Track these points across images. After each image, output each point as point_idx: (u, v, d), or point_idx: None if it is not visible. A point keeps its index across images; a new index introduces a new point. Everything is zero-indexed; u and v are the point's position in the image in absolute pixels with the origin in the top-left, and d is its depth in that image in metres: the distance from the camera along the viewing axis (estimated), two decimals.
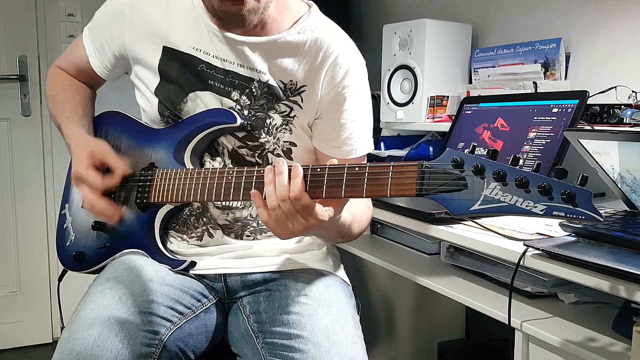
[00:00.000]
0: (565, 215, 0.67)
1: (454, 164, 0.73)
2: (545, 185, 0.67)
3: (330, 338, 0.94)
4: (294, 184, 0.83)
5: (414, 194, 0.76)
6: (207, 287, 1.09)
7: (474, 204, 0.72)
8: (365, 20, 2.51)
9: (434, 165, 0.75)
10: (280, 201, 0.83)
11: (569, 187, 0.67)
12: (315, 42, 1.05)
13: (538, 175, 0.68)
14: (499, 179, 0.70)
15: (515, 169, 0.70)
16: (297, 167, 0.84)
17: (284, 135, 1.07)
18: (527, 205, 0.69)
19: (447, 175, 0.74)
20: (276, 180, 0.84)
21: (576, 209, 0.67)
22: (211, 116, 1.05)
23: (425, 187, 0.75)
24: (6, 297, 2.50)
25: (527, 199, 0.69)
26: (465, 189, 0.72)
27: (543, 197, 0.68)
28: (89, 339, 0.88)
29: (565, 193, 0.67)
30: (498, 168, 0.70)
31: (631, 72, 1.45)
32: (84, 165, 1.04)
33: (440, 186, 0.74)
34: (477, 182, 0.71)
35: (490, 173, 0.70)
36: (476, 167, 0.71)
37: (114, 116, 1.19)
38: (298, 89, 1.06)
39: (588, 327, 0.99)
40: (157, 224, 1.08)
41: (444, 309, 1.86)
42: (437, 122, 1.76)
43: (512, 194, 0.69)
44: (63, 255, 1.17)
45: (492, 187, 0.70)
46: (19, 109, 2.44)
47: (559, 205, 0.67)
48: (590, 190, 0.67)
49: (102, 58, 1.15)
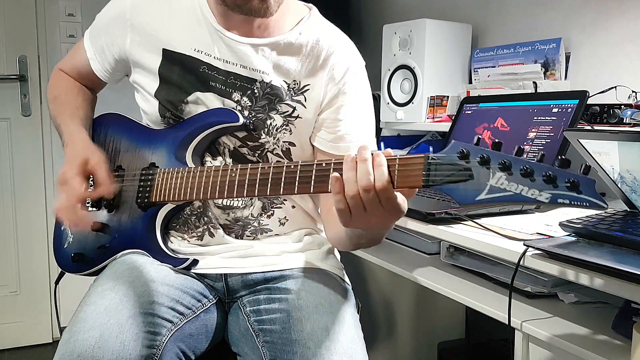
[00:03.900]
0: (570, 202, 0.68)
1: (460, 155, 0.74)
2: (549, 174, 0.69)
3: (331, 337, 0.94)
4: (379, 172, 0.78)
5: (421, 185, 0.77)
6: (208, 286, 1.09)
7: (480, 194, 0.73)
8: (365, 20, 2.51)
9: (440, 156, 0.76)
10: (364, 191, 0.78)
11: (573, 175, 0.68)
12: (317, 43, 1.07)
13: (543, 164, 0.70)
14: (505, 169, 0.71)
15: (521, 159, 0.71)
16: (380, 156, 0.79)
17: (284, 135, 1.08)
18: (533, 194, 0.70)
19: (454, 167, 0.74)
20: (358, 167, 0.79)
21: (580, 196, 0.68)
22: (213, 116, 1.06)
23: (432, 179, 0.76)
24: (6, 297, 2.50)
25: (532, 187, 0.70)
26: (471, 179, 0.73)
27: (548, 185, 0.69)
28: (89, 340, 0.87)
29: (569, 181, 0.68)
30: (503, 158, 0.71)
31: (631, 72, 1.46)
32: (73, 170, 1.04)
33: (447, 177, 0.75)
34: (483, 173, 0.72)
35: (496, 163, 0.71)
36: (482, 158, 0.72)
37: (114, 118, 1.18)
38: (301, 88, 1.07)
39: (588, 327, 0.99)
40: (159, 224, 1.08)
41: (444, 309, 1.86)
42: (437, 122, 1.76)
43: (517, 184, 0.71)
44: (61, 258, 1.17)
45: (497, 177, 0.72)
46: (19, 109, 2.44)
47: (564, 193, 0.68)
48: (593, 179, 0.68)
49: (102, 61, 1.16)
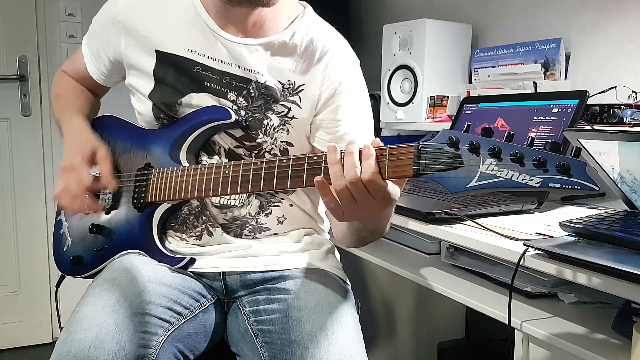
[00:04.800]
0: (561, 186, 0.68)
1: (450, 143, 0.74)
2: (539, 159, 0.68)
3: (330, 337, 0.94)
4: (367, 164, 0.79)
5: (411, 174, 0.77)
6: (206, 286, 1.09)
7: (471, 181, 0.72)
8: (365, 20, 2.51)
9: (429, 145, 0.76)
10: (350, 184, 0.79)
11: (563, 158, 0.68)
12: (311, 42, 1.07)
13: (532, 149, 0.69)
14: (494, 155, 0.71)
15: (510, 144, 0.71)
16: (369, 148, 0.79)
17: (281, 135, 1.07)
18: (523, 178, 0.69)
19: (444, 154, 0.74)
20: (345, 160, 0.80)
21: (571, 180, 0.67)
22: (205, 114, 1.05)
23: (422, 167, 0.76)
24: (6, 297, 2.50)
25: (522, 172, 0.69)
26: (461, 166, 0.73)
27: (538, 169, 0.69)
28: (86, 340, 0.87)
29: (559, 165, 0.67)
30: (493, 144, 0.71)
31: (631, 72, 1.45)
32: (82, 158, 1.06)
33: (437, 165, 0.75)
34: (473, 160, 0.72)
35: (486, 150, 0.71)
36: (471, 145, 0.72)
37: (108, 120, 1.19)
38: (296, 88, 1.07)
39: (588, 327, 0.99)
40: (155, 223, 1.08)
41: (444, 309, 1.86)
42: (437, 122, 1.76)
43: (507, 169, 0.70)
44: (60, 261, 1.17)
45: (487, 164, 0.71)
46: (19, 109, 2.44)
47: (555, 177, 0.68)
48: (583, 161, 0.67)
49: (98, 64, 1.17)
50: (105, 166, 1.08)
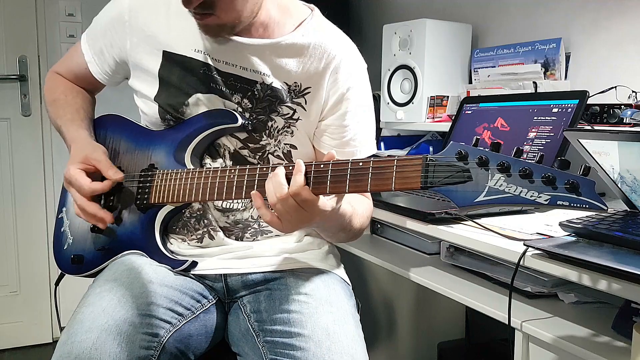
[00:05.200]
0: (569, 204, 0.67)
1: (458, 157, 0.73)
2: (549, 176, 0.68)
3: (331, 336, 0.94)
4: (294, 180, 0.84)
5: (418, 186, 0.77)
6: (207, 287, 1.09)
7: (479, 196, 0.72)
8: (365, 20, 2.51)
9: (438, 158, 0.76)
10: (280, 200, 0.85)
11: (573, 177, 0.67)
12: (319, 45, 1.06)
13: (542, 166, 0.69)
14: (503, 171, 0.70)
15: (519, 160, 0.70)
16: (299, 164, 0.86)
17: (285, 137, 1.07)
18: (532, 195, 0.69)
19: (452, 168, 0.74)
20: (273, 180, 0.86)
21: (580, 198, 0.67)
22: (212, 117, 1.05)
23: (430, 180, 0.76)
24: (6, 297, 2.50)
25: (531, 189, 0.69)
26: (469, 180, 0.73)
27: (547, 187, 0.68)
28: (87, 342, 0.87)
29: (568, 183, 0.67)
30: (502, 160, 0.71)
31: (631, 72, 1.45)
32: (75, 168, 1.05)
33: (445, 178, 0.74)
34: (481, 174, 0.72)
35: (495, 165, 0.71)
36: (480, 159, 0.72)
37: (112, 119, 1.18)
38: (302, 90, 1.06)
39: (588, 327, 0.99)
40: (157, 225, 1.08)
41: (444, 309, 1.86)
42: (437, 122, 1.76)
43: (516, 185, 0.70)
44: (60, 259, 1.17)
45: (496, 179, 0.71)
46: (19, 109, 2.44)
47: (563, 194, 0.68)
48: (592, 180, 0.67)
49: (101, 64, 1.15)
50: (102, 163, 1.06)
